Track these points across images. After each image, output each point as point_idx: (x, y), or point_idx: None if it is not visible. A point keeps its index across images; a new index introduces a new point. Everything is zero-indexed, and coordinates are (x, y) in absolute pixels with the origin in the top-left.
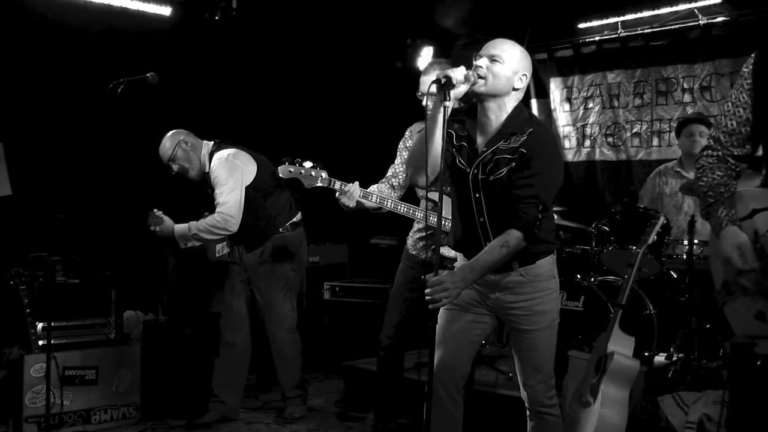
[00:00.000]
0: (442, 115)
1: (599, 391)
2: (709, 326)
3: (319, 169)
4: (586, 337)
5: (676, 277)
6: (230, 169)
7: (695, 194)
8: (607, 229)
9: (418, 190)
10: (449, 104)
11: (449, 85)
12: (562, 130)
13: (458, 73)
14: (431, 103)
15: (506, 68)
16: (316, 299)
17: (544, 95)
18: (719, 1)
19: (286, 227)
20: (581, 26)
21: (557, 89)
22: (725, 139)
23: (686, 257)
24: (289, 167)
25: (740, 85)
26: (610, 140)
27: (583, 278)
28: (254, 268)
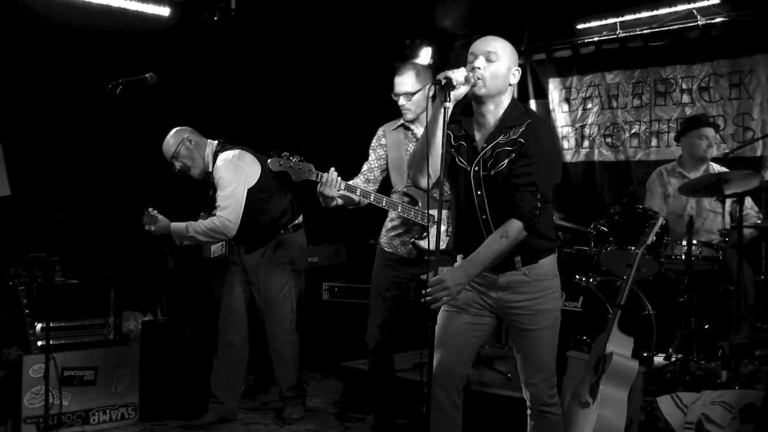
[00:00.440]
0: (442, 116)
1: (598, 391)
2: (707, 327)
3: (306, 162)
4: (585, 337)
5: (674, 277)
6: (234, 171)
7: (695, 195)
8: (605, 229)
9: (394, 186)
10: (449, 105)
11: (450, 86)
12: (560, 130)
13: (459, 74)
14: (405, 103)
15: (502, 65)
16: (314, 300)
17: (542, 96)
18: (718, 1)
19: (287, 229)
20: (580, 27)
21: (556, 90)
22: None
23: (685, 258)
24: (278, 160)
25: None
26: (608, 141)
27: (581, 279)
28: (255, 268)
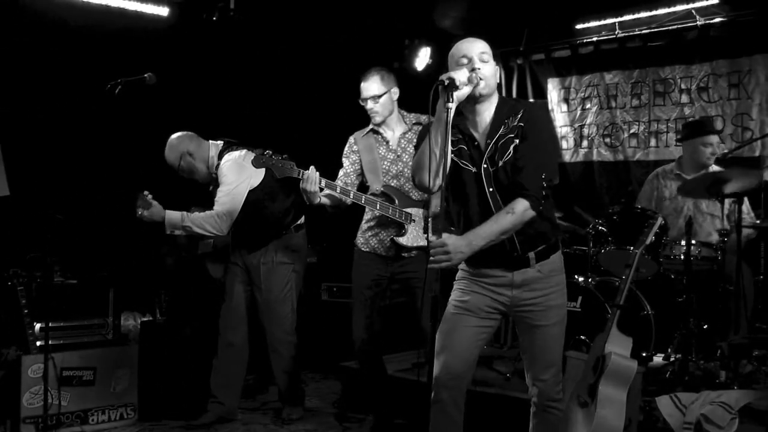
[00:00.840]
0: (446, 117)
1: (597, 391)
2: (706, 327)
3: (288, 160)
4: (584, 337)
5: (673, 277)
6: (238, 171)
7: (693, 195)
8: (604, 229)
9: (371, 187)
10: (452, 106)
11: (453, 86)
12: (559, 130)
13: (461, 75)
14: (373, 107)
15: (492, 65)
16: (313, 300)
17: (541, 96)
18: (716, 1)
19: (290, 229)
20: (579, 27)
21: (555, 90)
22: None
23: (684, 258)
24: (261, 158)
25: None
26: (607, 141)
27: (580, 279)
28: (256, 268)
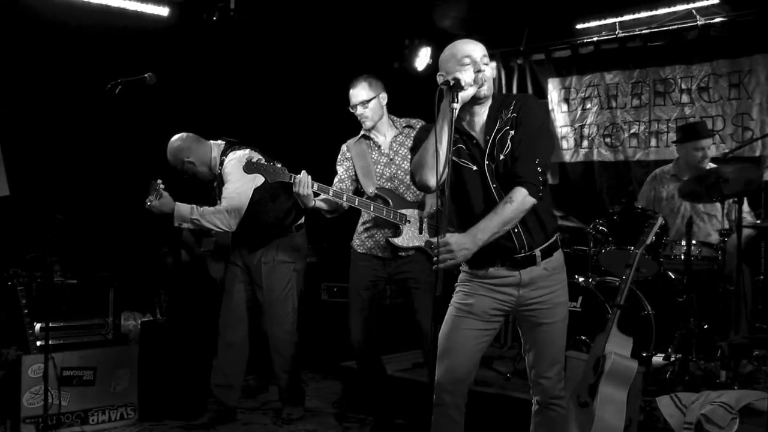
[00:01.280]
0: (451, 117)
1: (597, 391)
2: (706, 327)
3: (280, 166)
4: (584, 337)
5: (673, 277)
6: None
7: (694, 199)
8: (605, 229)
9: (365, 191)
10: (457, 106)
11: (458, 87)
12: (559, 130)
13: (467, 75)
14: (363, 112)
15: (492, 67)
16: (313, 300)
17: (541, 96)
18: (717, 1)
19: (291, 229)
20: (579, 27)
21: (555, 90)
22: None
23: (684, 258)
24: (251, 164)
25: None
26: (608, 141)
27: (581, 279)
28: (257, 267)
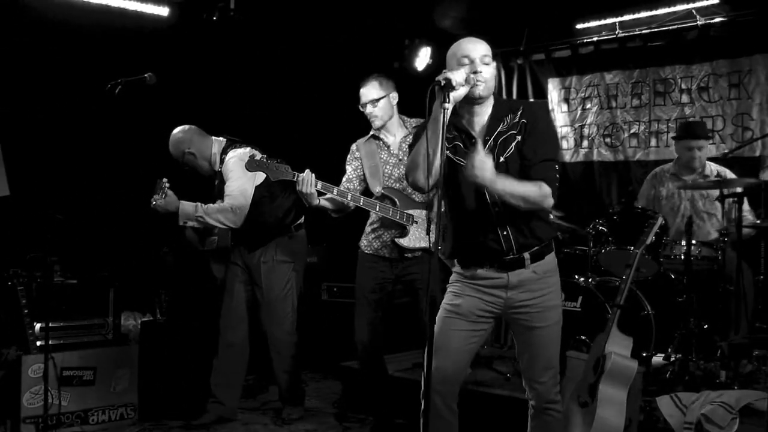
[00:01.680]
0: (442, 117)
1: (597, 391)
2: (706, 327)
3: (283, 164)
4: (584, 337)
5: (673, 277)
6: (244, 167)
7: (693, 187)
8: (605, 229)
9: (372, 191)
10: (449, 106)
11: (449, 87)
12: (560, 130)
13: (459, 75)
14: (372, 111)
15: (493, 66)
16: (313, 300)
17: (541, 96)
18: (717, 1)
19: (290, 228)
20: (579, 27)
21: (555, 90)
22: None
23: (684, 258)
24: (254, 162)
25: None
26: (608, 141)
27: (581, 279)
28: (257, 267)
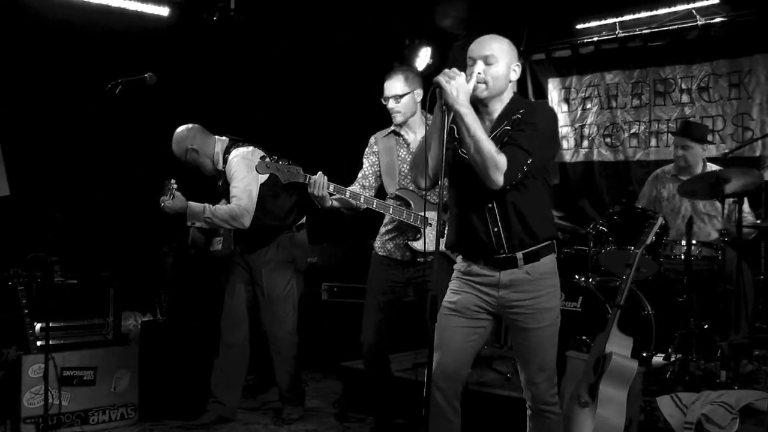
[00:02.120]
0: (440, 119)
1: (597, 391)
2: (707, 327)
3: (294, 165)
4: (584, 337)
5: (673, 277)
6: (248, 166)
7: (694, 196)
8: (605, 229)
9: (387, 190)
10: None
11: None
12: (560, 130)
13: (459, 76)
14: (394, 106)
15: (501, 66)
16: (313, 300)
17: (542, 96)
18: (717, 1)
19: (292, 228)
20: (579, 27)
21: (555, 90)
22: None
23: (684, 258)
24: (266, 163)
25: None
26: (608, 141)
27: (581, 279)
28: (258, 267)
